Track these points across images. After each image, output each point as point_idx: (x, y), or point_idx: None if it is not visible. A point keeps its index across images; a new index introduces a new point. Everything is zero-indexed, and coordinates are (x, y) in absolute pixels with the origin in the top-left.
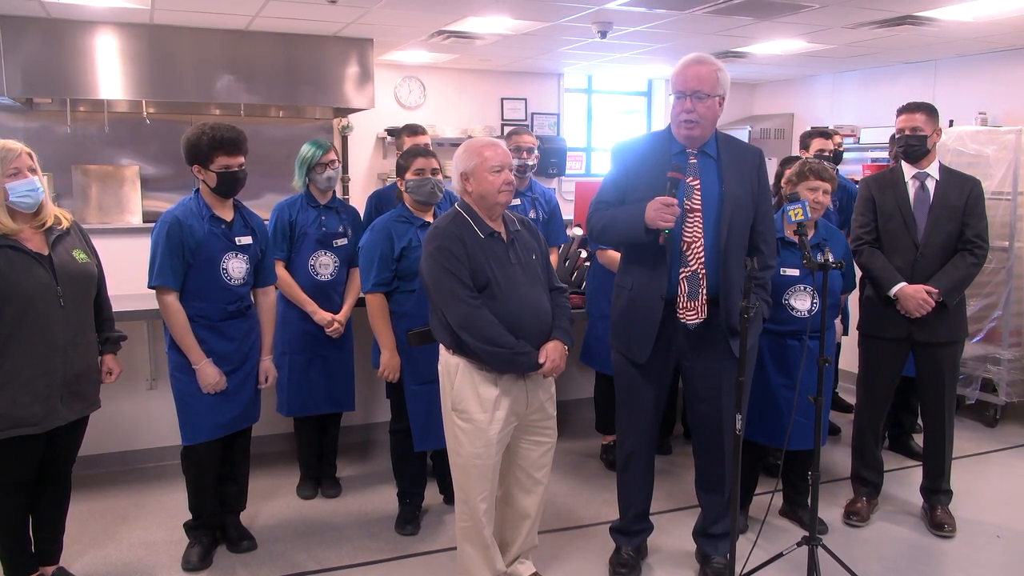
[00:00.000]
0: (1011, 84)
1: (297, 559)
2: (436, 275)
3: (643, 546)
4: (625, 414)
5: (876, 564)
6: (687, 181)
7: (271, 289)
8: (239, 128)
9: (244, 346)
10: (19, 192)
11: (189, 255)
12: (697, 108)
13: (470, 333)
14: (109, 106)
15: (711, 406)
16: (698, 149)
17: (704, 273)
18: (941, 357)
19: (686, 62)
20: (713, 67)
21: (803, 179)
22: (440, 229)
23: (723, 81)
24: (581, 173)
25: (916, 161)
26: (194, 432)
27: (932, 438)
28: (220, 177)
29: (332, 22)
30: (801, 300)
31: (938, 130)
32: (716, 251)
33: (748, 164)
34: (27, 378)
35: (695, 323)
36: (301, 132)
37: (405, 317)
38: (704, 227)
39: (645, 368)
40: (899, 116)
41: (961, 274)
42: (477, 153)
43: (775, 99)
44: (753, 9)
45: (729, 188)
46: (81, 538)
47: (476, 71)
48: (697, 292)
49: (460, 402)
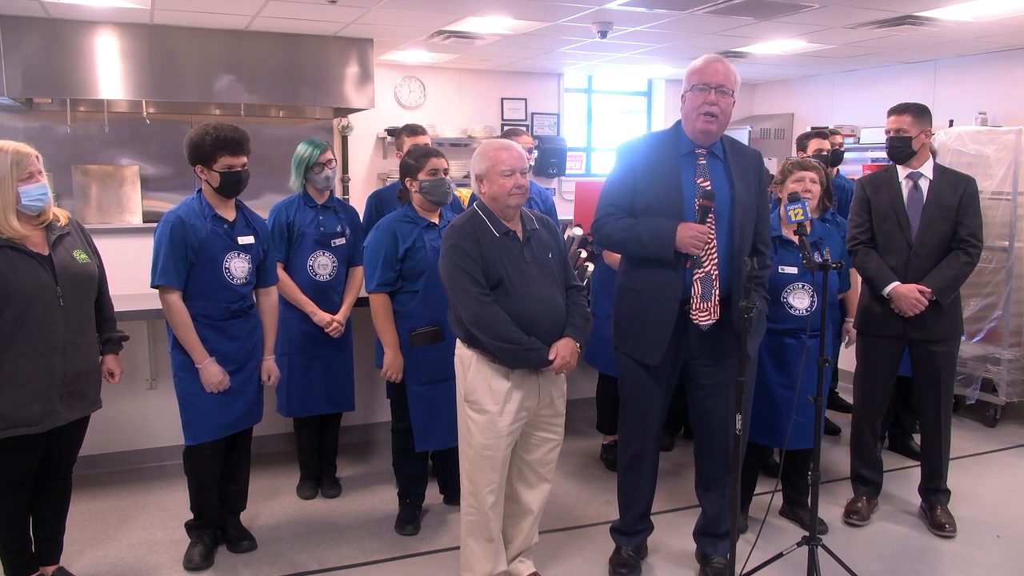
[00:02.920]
0: (1011, 84)
1: (297, 559)
2: (451, 272)
3: (643, 546)
4: (632, 415)
5: (876, 564)
6: (699, 182)
7: (273, 289)
8: (241, 128)
9: (247, 345)
10: (32, 196)
11: (192, 254)
12: (719, 102)
13: (482, 329)
14: (109, 106)
15: (718, 405)
16: (707, 150)
17: (717, 274)
18: (936, 355)
19: (708, 59)
20: (733, 68)
21: (787, 175)
22: (456, 228)
23: (739, 82)
24: (581, 173)
25: (902, 162)
26: (197, 432)
27: (929, 437)
28: (223, 177)
29: (332, 22)
30: (799, 298)
31: (927, 131)
32: (729, 252)
33: (750, 166)
34: (27, 378)
35: (708, 324)
36: (301, 132)
37: (408, 317)
38: (717, 229)
39: (655, 370)
40: (888, 117)
41: (954, 273)
42: (490, 156)
43: (775, 99)
44: (753, 9)
45: (738, 191)
46: (81, 538)
47: (476, 71)
48: (710, 293)
49: (472, 393)
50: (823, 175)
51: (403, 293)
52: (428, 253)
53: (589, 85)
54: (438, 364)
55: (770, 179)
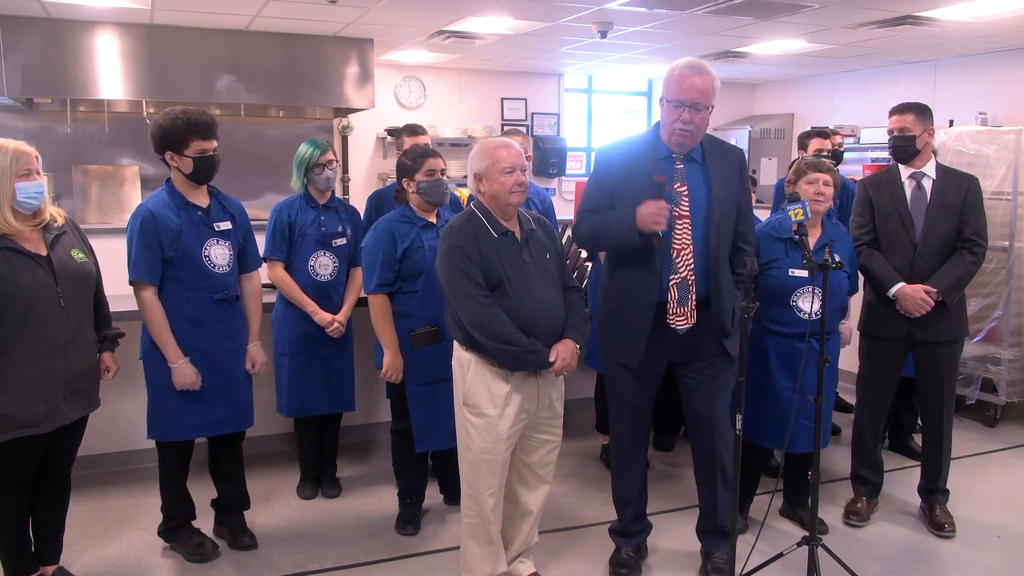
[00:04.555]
0: (1011, 84)
1: (297, 559)
2: (449, 274)
3: (643, 546)
4: (616, 415)
5: (876, 564)
6: (675, 188)
7: (255, 274)
8: (210, 113)
9: (229, 346)
10: (28, 193)
11: (168, 248)
12: (694, 119)
13: (481, 331)
14: (109, 106)
15: (703, 404)
16: (684, 154)
17: (694, 279)
18: (940, 356)
19: (683, 72)
20: (711, 77)
21: (801, 175)
22: (455, 228)
23: (717, 90)
24: (581, 173)
25: (906, 161)
26: (162, 430)
27: (930, 437)
28: (196, 162)
29: (332, 22)
30: (807, 302)
31: (930, 130)
32: (705, 257)
33: (730, 165)
34: (30, 379)
35: (684, 328)
36: (301, 132)
37: (408, 318)
38: (693, 233)
39: (636, 371)
40: (890, 117)
41: (960, 272)
42: (490, 154)
43: (775, 99)
44: (753, 9)
45: (716, 193)
46: (81, 538)
47: (476, 71)
48: (687, 298)
49: (471, 397)
50: (837, 177)
51: (402, 293)
52: (426, 253)
53: (589, 85)
54: (438, 364)
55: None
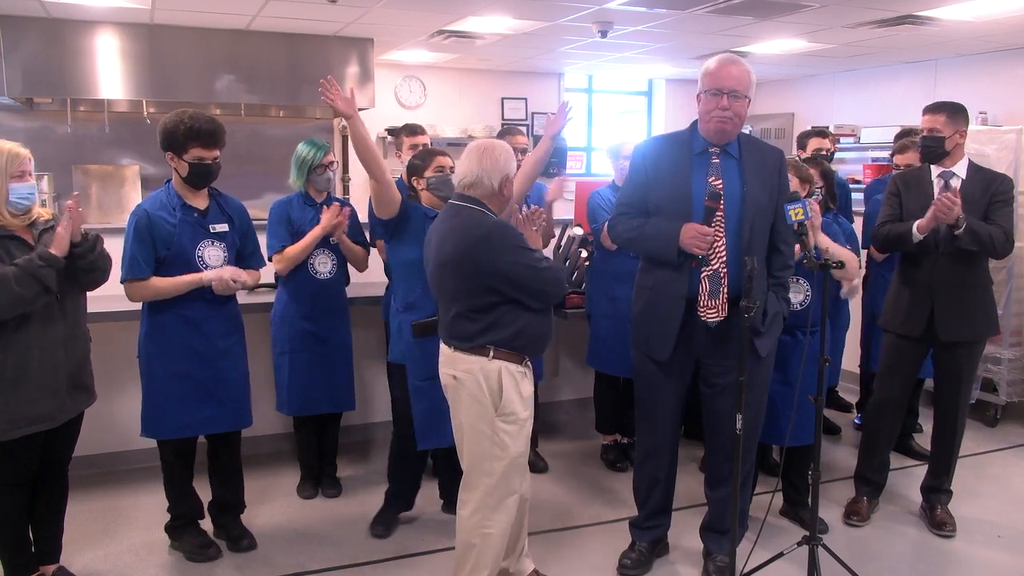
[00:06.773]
0: (1011, 84)
1: (297, 559)
2: (513, 259)
3: (662, 542)
4: (645, 411)
5: (876, 564)
6: (710, 181)
7: (255, 272)
8: (218, 120)
9: (220, 345)
10: (20, 193)
11: (162, 247)
12: (732, 106)
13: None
14: (109, 106)
15: (726, 405)
16: (721, 149)
17: (726, 272)
18: (960, 356)
19: (720, 62)
20: (747, 69)
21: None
22: (490, 219)
23: (754, 83)
24: (581, 173)
25: (935, 162)
26: (156, 427)
27: (942, 437)
28: (192, 168)
29: (332, 22)
30: (793, 292)
31: (961, 131)
32: (738, 251)
33: (769, 165)
34: (36, 374)
35: (715, 321)
36: (301, 132)
37: (412, 309)
38: (726, 227)
39: (665, 366)
40: (922, 116)
41: (988, 231)
42: (513, 157)
43: (775, 99)
44: (753, 9)
45: (750, 190)
46: (81, 538)
47: (476, 71)
48: (718, 290)
49: (508, 406)
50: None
51: (408, 284)
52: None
53: (589, 85)
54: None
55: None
